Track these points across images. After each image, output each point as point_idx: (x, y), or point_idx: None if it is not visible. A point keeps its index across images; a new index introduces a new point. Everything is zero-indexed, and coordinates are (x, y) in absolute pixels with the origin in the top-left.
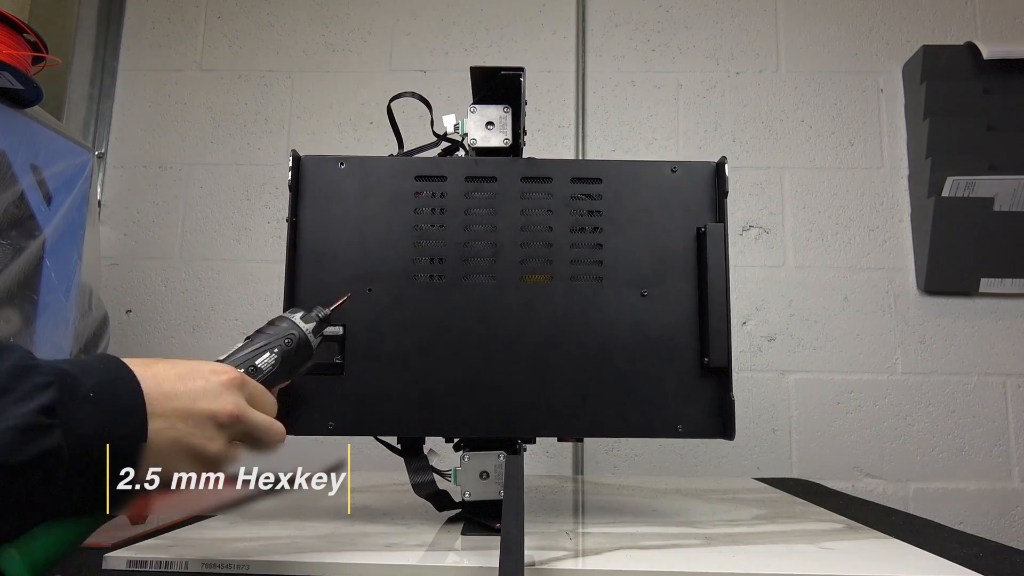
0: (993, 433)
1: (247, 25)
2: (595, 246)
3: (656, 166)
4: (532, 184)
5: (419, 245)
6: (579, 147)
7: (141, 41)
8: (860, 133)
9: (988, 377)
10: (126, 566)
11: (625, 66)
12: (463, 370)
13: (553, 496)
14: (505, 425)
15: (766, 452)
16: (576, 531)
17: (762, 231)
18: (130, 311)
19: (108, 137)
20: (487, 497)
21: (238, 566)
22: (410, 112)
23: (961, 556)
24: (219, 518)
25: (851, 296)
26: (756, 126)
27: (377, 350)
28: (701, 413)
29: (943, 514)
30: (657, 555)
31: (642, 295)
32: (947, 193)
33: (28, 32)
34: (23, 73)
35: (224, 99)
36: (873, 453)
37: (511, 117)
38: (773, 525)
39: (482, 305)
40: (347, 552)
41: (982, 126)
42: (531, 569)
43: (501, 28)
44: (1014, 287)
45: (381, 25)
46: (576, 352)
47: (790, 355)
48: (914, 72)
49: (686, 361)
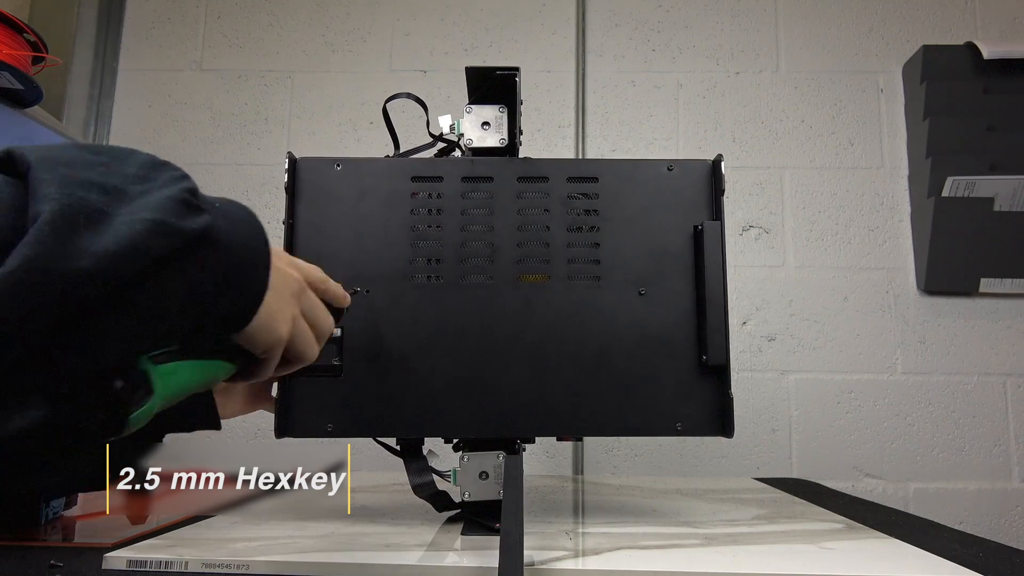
0: (993, 433)
1: (247, 25)
2: (592, 245)
3: (653, 165)
4: (528, 184)
5: (416, 246)
6: (579, 147)
7: (141, 41)
8: (860, 133)
9: (988, 377)
10: (126, 566)
11: (625, 66)
12: (461, 370)
13: (553, 496)
14: (504, 425)
15: (766, 452)
16: (576, 531)
17: (762, 231)
18: None
19: (108, 137)
20: (487, 497)
21: (238, 566)
22: (410, 112)
23: (961, 556)
24: (219, 518)
25: (851, 296)
26: (756, 126)
27: (375, 351)
28: (700, 411)
29: (943, 514)
30: (657, 555)
31: (640, 294)
32: (947, 193)
33: (28, 32)
34: (23, 73)
35: (224, 99)
36: (873, 453)
37: (507, 117)
38: (773, 525)
39: (480, 305)
40: (347, 552)
41: (982, 126)
42: (531, 569)
43: (501, 28)
44: (1014, 287)
45: (381, 25)
46: (574, 351)
47: (790, 355)
48: (914, 72)
49: (684, 359)
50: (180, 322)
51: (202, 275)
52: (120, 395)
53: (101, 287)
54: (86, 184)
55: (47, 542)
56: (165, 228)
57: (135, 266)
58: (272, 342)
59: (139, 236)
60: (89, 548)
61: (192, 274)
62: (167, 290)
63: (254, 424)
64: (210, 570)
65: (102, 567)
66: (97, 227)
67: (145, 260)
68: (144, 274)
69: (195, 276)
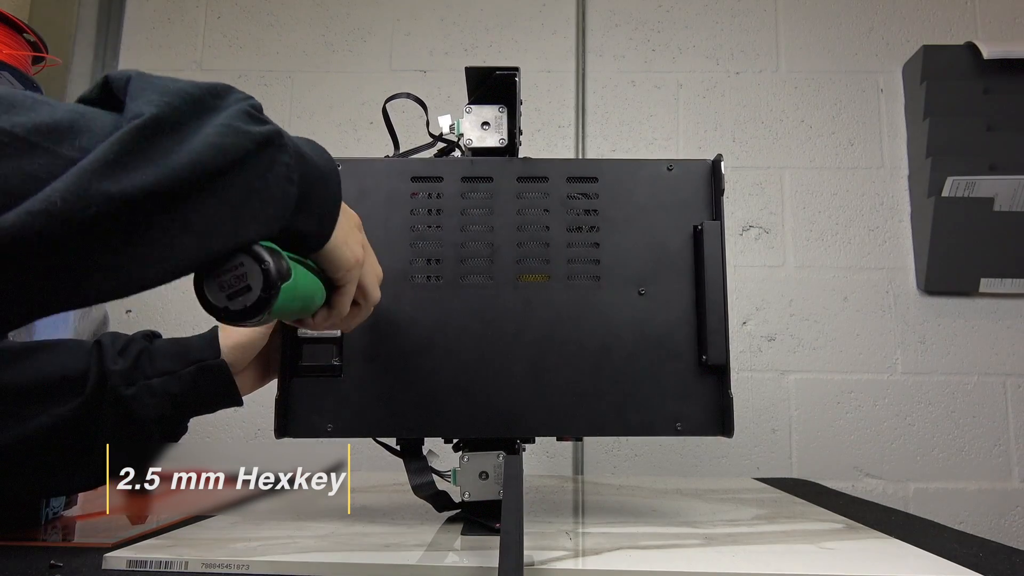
0: (993, 433)
1: (247, 25)
2: (592, 245)
3: (652, 164)
4: (528, 184)
5: (416, 246)
6: (579, 147)
7: (141, 41)
8: (860, 133)
9: (988, 377)
10: (126, 566)
11: (625, 66)
12: (461, 370)
13: (553, 496)
14: (504, 425)
15: (766, 452)
16: (576, 531)
17: (762, 231)
18: (130, 311)
19: None
20: (487, 497)
21: (238, 566)
22: (410, 112)
23: (961, 556)
24: (219, 518)
25: (851, 296)
26: (756, 126)
27: (375, 351)
28: (700, 411)
29: (943, 514)
30: (657, 555)
31: (639, 294)
32: (947, 193)
33: (28, 32)
34: (23, 73)
35: None
36: (873, 453)
37: (507, 117)
38: (773, 525)
39: (480, 305)
40: (347, 552)
41: (982, 126)
42: (530, 569)
43: (501, 28)
44: (1014, 287)
45: (381, 25)
46: (574, 351)
47: (790, 355)
48: (914, 72)
49: (684, 359)
50: (269, 228)
51: (279, 176)
52: (269, 270)
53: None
54: (180, 93)
55: (47, 542)
56: (235, 130)
57: (216, 163)
58: (351, 262)
59: (214, 138)
60: (89, 548)
61: (269, 175)
62: (251, 186)
63: (254, 424)
64: (210, 570)
65: (102, 567)
66: (183, 131)
67: (222, 159)
68: (224, 170)
69: (273, 177)
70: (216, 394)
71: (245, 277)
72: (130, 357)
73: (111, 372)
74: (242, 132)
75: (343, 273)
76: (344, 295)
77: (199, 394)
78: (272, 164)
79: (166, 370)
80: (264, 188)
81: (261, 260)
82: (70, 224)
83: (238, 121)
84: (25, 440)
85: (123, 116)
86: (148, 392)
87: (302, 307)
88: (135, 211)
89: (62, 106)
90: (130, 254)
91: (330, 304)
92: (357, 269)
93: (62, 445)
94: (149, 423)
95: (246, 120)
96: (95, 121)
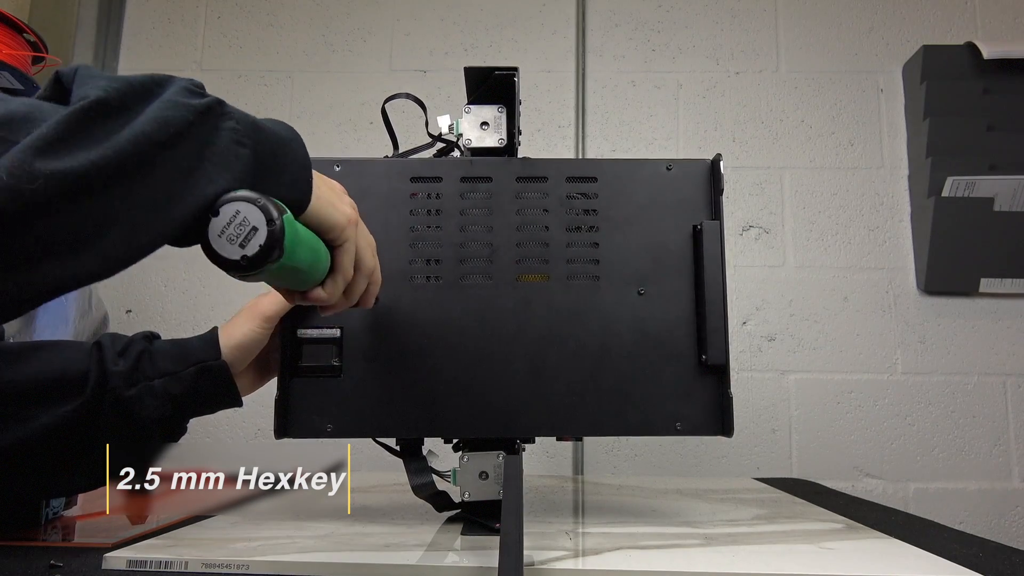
0: (993, 433)
1: (247, 25)
2: (591, 245)
3: (652, 164)
4: (527, 184)
5: (415, 246)
6: (579, 147)
7: (141, 41)
8: (860, 133)
9: (988, 377)
10: (126, 566)
11: (625, 66)
12: (461, 371)
13: (553, 496)
14: (504, 425)
15: (766, 452)
16: (576, 531)
17: (762, 231)
18: (130, 311)
19: None
20: (486, 497)
21: (238, 566)
22: (409, 112)
23: (961, 556)
24: (219, 518)
25: (851, 296)
26: (756, 126)
27: (374, 352)
28: (699, 411)
29: (943, 514)
30: (657, 555)
31: (639, 294)
32: (947, 193)
33: (28, 32)
34: (23, 73)
35: (224, 99)
36: (873, 453)
37: (506, 117)
38: (773, 525)
39: (479, 305)
40: (347, 552)
41: (982, 126)
42: (530, 569)
43: (501, 28)
44: (1014, 287)
45: (381, 25)
46: (574, 351)
47: (790, 355)
48: (914, 72)
49: (684, 359)
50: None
51: (227, 140)
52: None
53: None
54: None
55: (47, 542)
56: (175, 104)
57: (159, 135)
58: (343, 220)
59: (155, 112)
60: (89, 548)
61: (216, 139)
62: (199, 152)
63: (254, 424)
64: (210, 570)
65: (102, 567)
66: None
67: (164, 132)
68: (169, 142)
69: (221, 140)
70: (217, 395)
71: (247, 221)
72: (131, 358)
73: (112, 373)
74: (182, 104)
75: (338, 232)
76: (345, 253)
77: (200, 395)
78: (217, 129)
79: (167, 371)
80: (213, 154)
81: (252, 199)
82: (20, 197)
83: (179, 96)
84: (25, 441)
85: (71, 101)
86: (149, 393)
87: (312, 257)
88: (85, 187)
89: (17, 100)
90: (92, 231)
91: (334, 267)
92: (352, 227)
93: (62, 446)
94: (150, 424)
95: (186, 95)
96: (49, 112)
